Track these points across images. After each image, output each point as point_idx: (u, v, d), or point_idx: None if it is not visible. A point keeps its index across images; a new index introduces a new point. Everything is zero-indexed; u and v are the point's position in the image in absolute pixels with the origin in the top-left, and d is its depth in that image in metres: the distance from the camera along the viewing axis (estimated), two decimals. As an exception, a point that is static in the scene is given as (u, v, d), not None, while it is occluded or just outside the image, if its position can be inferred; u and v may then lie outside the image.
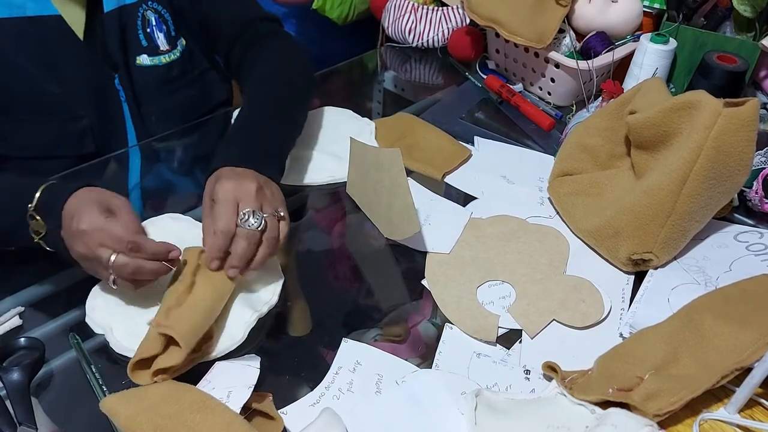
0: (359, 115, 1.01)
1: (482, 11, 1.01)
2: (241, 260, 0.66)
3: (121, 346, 0.64)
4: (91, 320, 0.67)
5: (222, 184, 0.68)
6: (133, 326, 0.66)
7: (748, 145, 0.66)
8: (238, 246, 0.66)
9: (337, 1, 1.35)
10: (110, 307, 0.68)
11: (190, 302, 0.63)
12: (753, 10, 0.91)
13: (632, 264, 0.73)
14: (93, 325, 0.66)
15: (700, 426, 0.57)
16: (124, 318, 0.67)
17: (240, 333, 0.65)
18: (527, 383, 0.62)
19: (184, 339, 0.59)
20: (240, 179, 0.69)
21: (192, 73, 0.99)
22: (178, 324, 0.60)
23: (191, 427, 0.52)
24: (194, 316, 0.62)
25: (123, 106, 0.93)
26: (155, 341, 0.60)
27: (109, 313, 0.67)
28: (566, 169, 0.83)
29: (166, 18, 0.94)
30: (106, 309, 0.68)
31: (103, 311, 0.68)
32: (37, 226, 0.66)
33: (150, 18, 0.92)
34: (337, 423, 0.55)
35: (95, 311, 0.67)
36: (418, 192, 0.87)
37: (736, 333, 0.59)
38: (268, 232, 0.68)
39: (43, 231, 0.66)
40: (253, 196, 0.68)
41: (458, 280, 0.73)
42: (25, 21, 0.82)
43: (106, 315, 0.67)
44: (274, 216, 0.69)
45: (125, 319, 0.67)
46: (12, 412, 0.58)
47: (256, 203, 0.68)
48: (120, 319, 0.67)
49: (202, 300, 0.64)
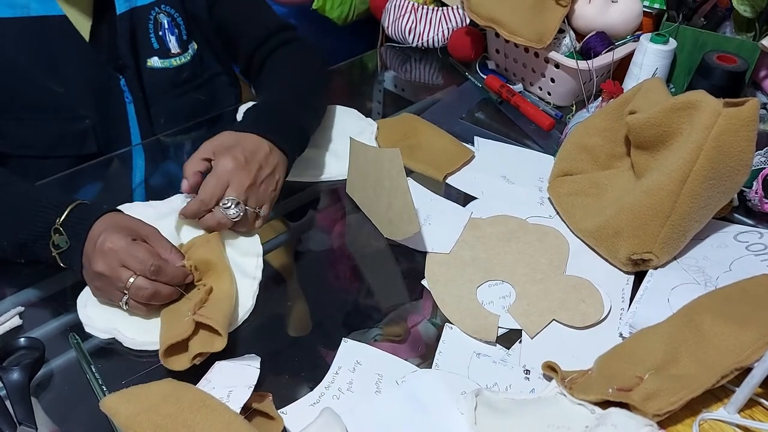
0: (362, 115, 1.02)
1: (482, 11, 1.01)
2: (206, 230, 0.73)
3: (136, 342, 0.65)
4: (92, 329, 0.66)
5: (226, 159, 0.72)
6: (140, 320, 0.67)
7: (748, 145, 0.66)
8: (208, 220, 0.73)
9: (337, 1, 1.35)
10: (106, 311, 0.68)
11: (216, 292, 0.67)
12: (753, 10, 0.91)
13: (632, 264, 0.73)
14: (97, 332, 0.66)
15: (699, 426, 0.57)
16: (125, 316, 0.67)
17: (249, 301, 0.70)
18: (527, 383, 0.62)
19: (222, 326, 0.62)
20: (245, 165, 0.73)
21: (201, 77, 1.01)
22: (212, 312, 0.63)
23: (191, 426, 0.52)
24: (223, 303, 0.65)
25: (128, 108, 0.93)
26: (186, 325, 0.61)
27: (108, 317, 0.67)
28: (566, 169, 0.83)
29: (178, 22, 0.95)
30: (102, 314, 0.68)
31: (101, 317, 0.67)
32: (60, 241, 0.66)
33: (162, 21, 0.93)
34: (337, 423, 0.55)
35: (93, 320, 0.67)
36: (418, 192, 0.87)
37: (736, 333, 0.59)
38: (240, 224, 0.74)
39: (64, 246, 0.66)
40: (245, 188, 0.73)
41: (458, 280, 0.73)
42: (28, 21, 0.82)
43: (105, 320, 0.67)
44: (254, 212, 0.74)
45: (127, 317, 0.67)
46: (12, 412, 0.58)
47: (244, 195, 0.73)
48: (121, 318, 0.67)
49: (226, 287, 0.67)
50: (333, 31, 1.43)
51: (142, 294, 0.64)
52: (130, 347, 0.65)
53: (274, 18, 1.02)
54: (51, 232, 0.66)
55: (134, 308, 0.66)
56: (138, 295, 0.64)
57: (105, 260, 0.64)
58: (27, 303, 0.71)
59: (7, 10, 0.81)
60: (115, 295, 0.65)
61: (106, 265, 0.64)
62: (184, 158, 0.96)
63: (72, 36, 0.85)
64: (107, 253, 0.64)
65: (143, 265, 0.64)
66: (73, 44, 0.86)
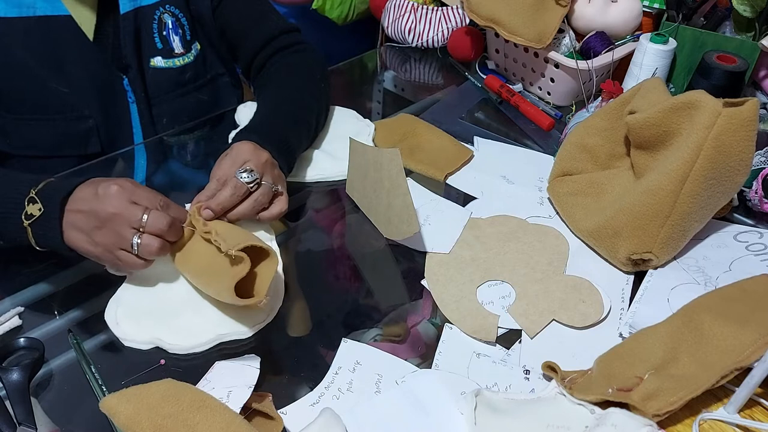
0: (361, 115, 1.02)
1: (482, 11, 1.01)
2: (219, 205, 0.70)
3: (183, 347, 0.65)
4: (133, 342, 0.65)
5: (242, 144, 0.74)
6: (180, 325, 0.67)
7: (748, 145, 0.66)
8: (223, 191, 0.71)
9: (337, 1, 1.35)
10: (140, 322, 0.67)
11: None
12: (753, 10, 0.91)
13: (632, 264, 0.73)
14: (139, 345, 0.65)
15: (699, 426, 0.57)
16: (164, 324, 0.67)
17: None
18: (527, 383, 0.62)
19: (263, 243, 0.64)
20: (258, 148, 0.75)
21: (204, 77, 1.01)
22: (248, 239, 0.65)
23: (191, 426, 0.52)
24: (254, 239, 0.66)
25: (130, 108, 0.93)
26: (238, 260, 0.62)
27: (146, 327, 0.66)
28: (566, 169, 0.83)
29: (182, 22, 0.95)
30: (138, 326, 0.67)
31: (138, 329, 0.66)
32: (33, 210, 0.66)
33: (167, 21, 0.93)
34: (336, 423, 0.55)
35: (131, 334, 0.66)
36: (417, 192, 0.87)
37: (735, 333, 0.59)
38: (257, 194, 0.73)
39: (37, 214, 0.66)
40: (262, 162, 0.74)
41: (458, 280, 0.73)
42: (34, 20, 0.82)
43: (143, 331, 0.66)
44: (271, 187, 0.74)
45: (168, 324, 0.67)
46: (12, 412, 0.58)
47: (260, 169, 0.73)
48: (162, 326, 0.67)
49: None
50: (333, 30, 1.43)
51: (159, 225, 0.64)
52: (177, 353, 0.64)
53: (278, 21, 1.02)
54: (25, 202, 0.66)
55: (146, 247, 0.65)
56: (155, 226, 0.64)
57: (112, 201, 0.64)
58: (27, 303, 0.71)
59: (13, 10, 0.81)
60: (126, 236, 0.64)
61: (118, 203, 0.64)
62: (187, 158, 0.97)
63: (76, 35, 0.86)
64: (116, 195, 0.64)
65: (152, 201, 0.65)
66: (78, 44, 0.86)
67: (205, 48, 0.99)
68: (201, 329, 0.66)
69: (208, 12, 0.97)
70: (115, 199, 0.64)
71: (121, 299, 0.69)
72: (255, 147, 0.75)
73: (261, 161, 0.74)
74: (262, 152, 0.75)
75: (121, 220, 0.64)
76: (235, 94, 1.08)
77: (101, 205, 0.64)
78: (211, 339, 0.65)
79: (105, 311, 0.68)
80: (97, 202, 0.65)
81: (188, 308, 0.69)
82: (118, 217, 0.64)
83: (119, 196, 0.65)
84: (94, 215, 0.65)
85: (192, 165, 0.97)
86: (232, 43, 1.01)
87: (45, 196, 0.66)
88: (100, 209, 0.64)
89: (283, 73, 0.96)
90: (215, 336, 0.66)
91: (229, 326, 0.67)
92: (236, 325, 0.67)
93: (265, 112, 0.88)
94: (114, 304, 0.69)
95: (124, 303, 0.69)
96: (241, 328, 0.67)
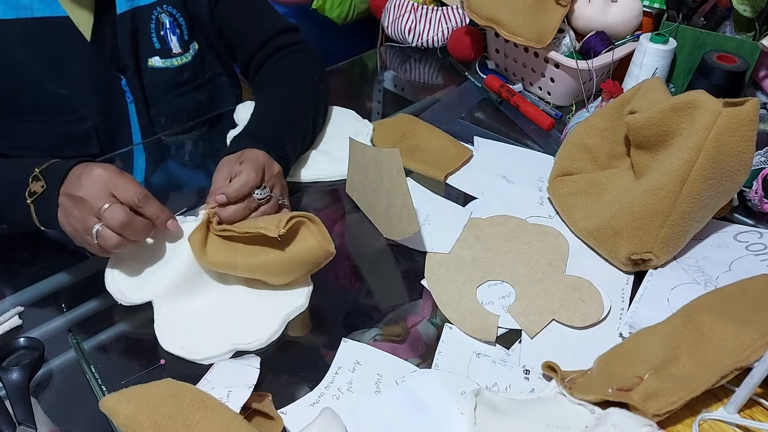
0: (360, 115, 1.01)
1: (482, 11, 1.01)
2: (228, 217, 0.71)
3: (202, 357, 0.65)
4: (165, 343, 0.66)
5: (256, 153, 0.75)
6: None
7: (748, 144, 0.66)
8: (237, 205, 0.71)
9: (337, 1, 1.35)
10: (178, 330, 0.67)
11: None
12: (753, 10, 0.91)
13: (632, 264, 0.73)
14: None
15: (699, 426, 0.57)
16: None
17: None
18: (527, 383, 0.62)
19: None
20: (271, 160, 0.76)
21: (203, 77, 1.01)
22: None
23: (191, 426, 0.52)
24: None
25: (129, 108, 0.93)
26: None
27: (178, 333, 0.67)
28: (566, 169, 0.83)
29: (180, 22, 0.95)
30: (176, 330, 0.67)
31: (174, 333, 0.67)
32: (36, 187, 0.67)
33: (164, 21, 0.93)
34: (336, 423, 0.55)
35: (169, 337, 0.66)
36: (417, 192, 0.87)
37: (735, 333, 0.59)
38: (265, 207, 0.74)
39: (40, 191, 0.67)
40: (273, 174, 0.75)
41: (458, 280, 0.73)
42: (31, 22, 0.82)
43: (179, 333, 0.66)
44: (278, 201, 0.76)
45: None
46: (11, 412, 0.58)
47: (271, 182, 0.75)
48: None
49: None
50: (333, 30, 1.43)
51: (113, 221, 0.63)
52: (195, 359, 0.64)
53: (276, 20, 1.01)
54: (29, 180, 0.67)
55: (103, 239, 0.64)
56: (109, 222, 0.63)
57: (89, 186, 0.64)
58: (27, 303, 0.71)
59: (11, 12, 0.81)
60: (89, 223, 0.64)
61: (89, 189, 0.64)
62: (185, 158, 0.97)
63: (74, 36, 0.85)
64: (93, 179, 0.65)
65: (129, 192, 0.65)
66: (76, 45, 0.86)
67: (203, 48, 0.99)
68: (218, 340, 0.66)
69: (205, 12, 0.97)
70: (89, 185, 0.64)
71: (161, 309, 0.69)
72: (269, 159, 0.76)
73: (272, 173, 0.75)
74: (274, 164, 0.76)
75: (86, 206, 0.64)
76: (234, 94, 1.08)
77: (77, 187, 0.65)
78: (228, 350, 0.65)
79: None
80: (76, 184, 0.65)
81: (209, 316, 0.69)
82: (84, 203, 0.64)
83: (94, 182, 0.64)
84: (71, 197, 0.65)
85: (191, 165, 0.97)
86: (230, 42, 1.01)
87: (48, 173, 0.67)
88: (74, 192, 0.65)
89: (281, 74, 0.96)
90: (232, 346, 0.65)
91: (243, 336, 0.66)
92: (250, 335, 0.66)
93: (264, 114, 0.87)
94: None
95: (163, 313, 0.68)
96: (255, 339, 0.66)
